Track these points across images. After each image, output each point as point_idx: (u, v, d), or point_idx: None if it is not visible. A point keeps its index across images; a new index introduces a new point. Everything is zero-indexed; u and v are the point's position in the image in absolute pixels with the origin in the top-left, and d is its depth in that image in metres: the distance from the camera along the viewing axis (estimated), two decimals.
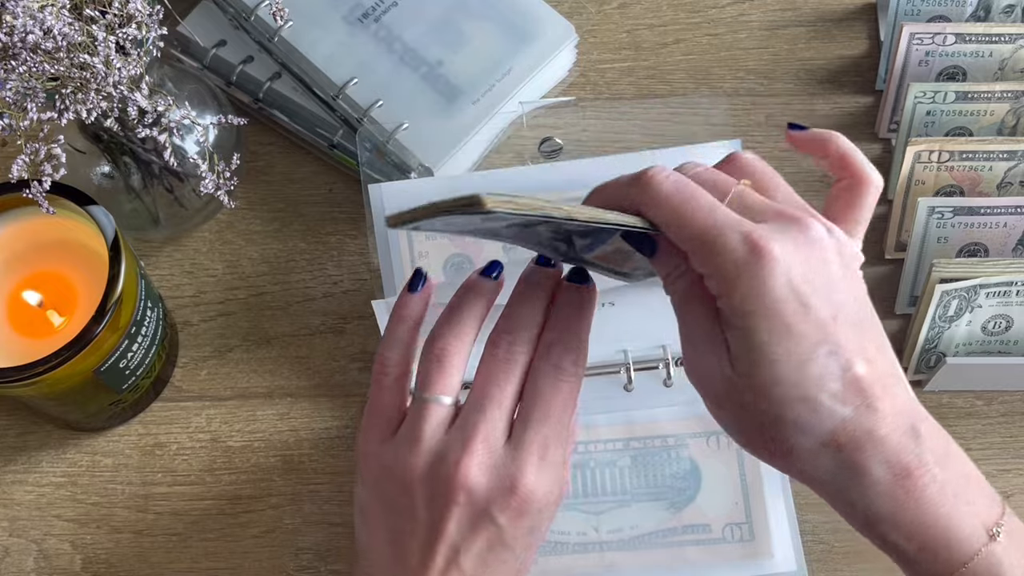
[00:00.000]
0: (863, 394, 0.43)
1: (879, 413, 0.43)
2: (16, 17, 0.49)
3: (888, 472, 0.43)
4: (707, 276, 0.44)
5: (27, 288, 0.59)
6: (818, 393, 0.43)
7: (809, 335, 0.43)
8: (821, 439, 0.43)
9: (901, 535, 0.44)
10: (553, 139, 0.67)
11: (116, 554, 0.63)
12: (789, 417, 0.43)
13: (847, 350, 0.43)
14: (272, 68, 0.70)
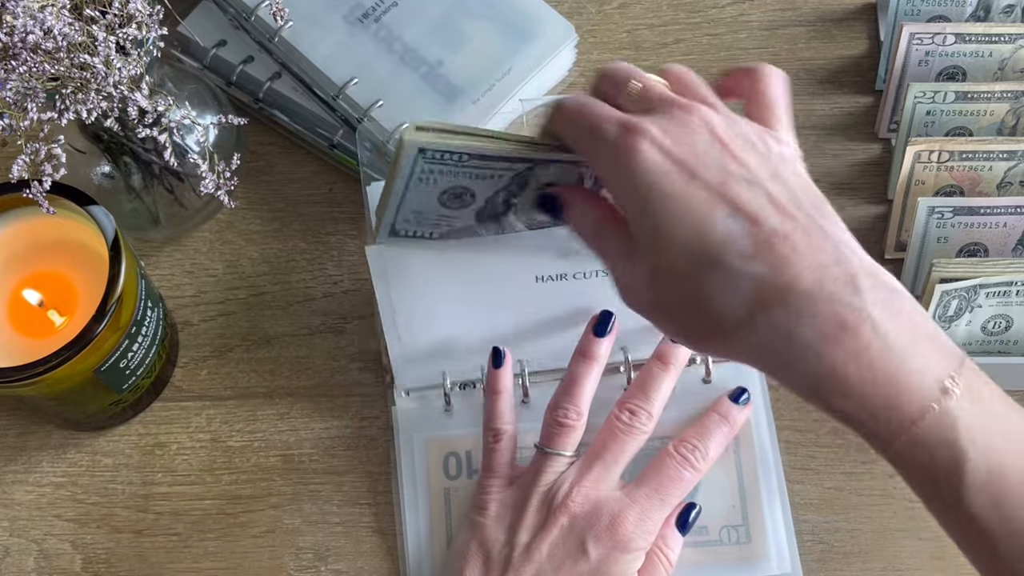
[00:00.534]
0: (776, 249, 0.41)
1: (799, 266, 0.41)
2: (16, 17, 0.49)
3: (819, 329, 0.41)
4: (599, 176, 0.46)
5: (27, 288, 0.59)
6: (725, 256, 0.41)
7: (699, 200, 0.42)
8: (743, 306, 0.41)
9: (845, 398, 0.41)
10: None
11: (116, 554, 0.63)
12: (707, 290, 0.42)
13: (749, 209, 0.42)
14: (272, 68, 0.70)
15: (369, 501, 0.64)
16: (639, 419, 0.58)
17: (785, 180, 0.44)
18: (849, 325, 0.40)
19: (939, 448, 0.41)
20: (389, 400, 0.65)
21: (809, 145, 0.72)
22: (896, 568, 0.62)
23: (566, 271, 0.61)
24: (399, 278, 0.61)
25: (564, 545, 0.55)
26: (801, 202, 0.43)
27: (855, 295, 0.41)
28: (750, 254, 0.41)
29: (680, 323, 0.45)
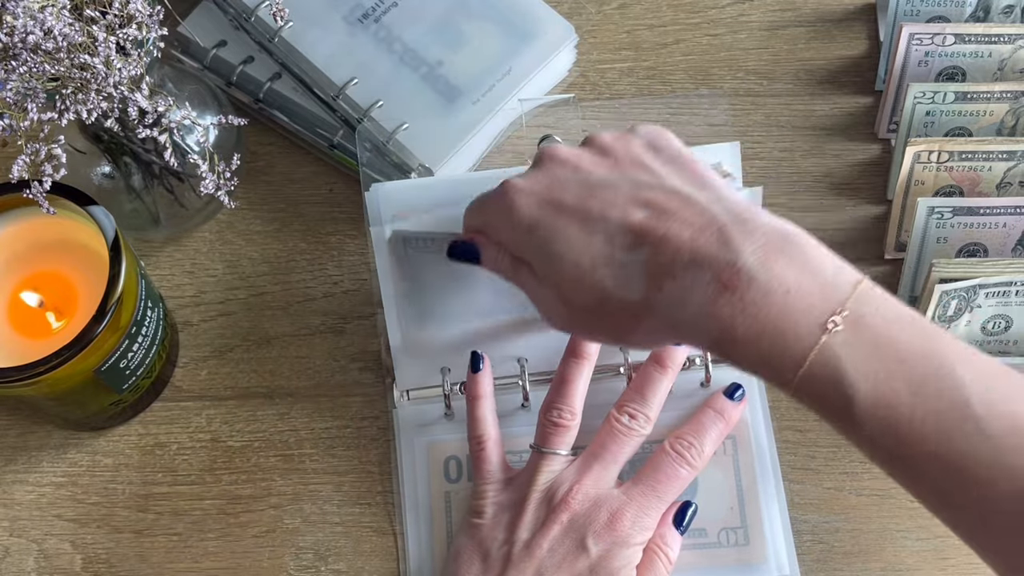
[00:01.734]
0: (648, 233, 0.45)
1: (674, 238, 0.45)
2: (16, 18, 0.49)
3: (703, 291, 0.44)
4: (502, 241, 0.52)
5: (27, 288, 0.59)
6: (612, 251, 0.46)
7: (573, 222, 0.48)
8: (640, 290, 0.46)
9: (739, 349, 0.44)
10: (553, 137, 0.67)
11: (116, 554, 0.63)
12: (606, 289, 0.47)
13: (616, 211, 0.47)
14: (272, 68, 0.70)
15: (369, 501, 0.64)
16: (637, 421, 0.59)
17: (648, 167, 0.49)
18: (726, 281, 0.43)
19: (827, 386, 0.43)
20: (389, 403, 0.65)
21: (809, 145, 0.72)
22: (896, 568, 0.62)
23: None
24: (403, 268, 0.61)
25: (564, 542, 0.55)
26: (664, 182, 0.48)
27: (727, 250, 0.44)
28: (631, 244, 0.46)
29: (598, 326, 0.49)
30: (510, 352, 0.63)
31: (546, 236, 0.48)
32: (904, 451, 0.43)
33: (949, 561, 0.63)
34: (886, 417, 0.43)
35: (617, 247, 0.46)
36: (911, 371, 0.43)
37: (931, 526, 0.63)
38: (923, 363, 0.43)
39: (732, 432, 0.62)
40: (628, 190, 0.47)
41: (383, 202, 0.61)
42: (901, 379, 0.43)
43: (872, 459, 0.45)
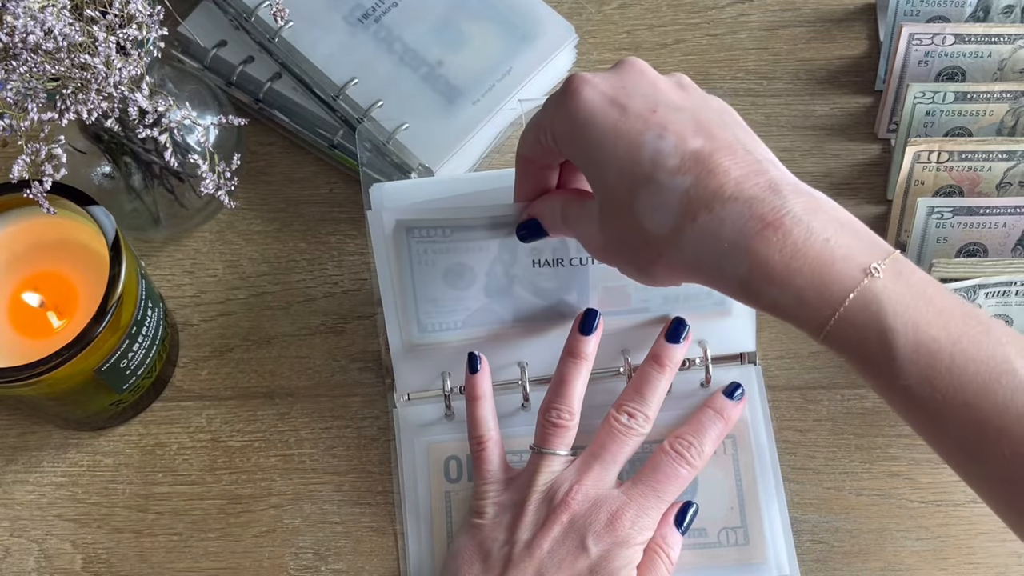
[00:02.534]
0: (703, 162, 0.45)
1: (722, 174, 0.44)
2: (17, 18, 0.49)
3: (743, 227, 0.44)
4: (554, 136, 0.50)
5: (28, 288, 0.59)
6: (655, 172, 0.45)
7: (632, 128, 0.46)
8: (674, 217, 0.45)
9: (774, 286, 0.44)
10: None
11: (117, 554, 0.63)
12: (640, 210, 0.46)
13: (676, 129, 0.46)
14: (272, 68, 0.70)
15: (369, 501, 0.64)
16: (636, 421, 0.58)
17: (712, 108, 0.48)
18: (771, 220, 0.43)
19: (867, 328, 0.43)
20: (390, 403, 0.65)
21: (809, 145, 0.72)
22: (896, 568, 0.62)
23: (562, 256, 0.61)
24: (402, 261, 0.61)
25: (565, 542, 0.55)
26: (727, 125, 0.47)
27: (775, 196, 0.44)
28: (677, 168, 0.45)
29: (625, 253, 0.49)
30: (511, 357, 0.63)
31: (599, 137, 0.47)
32: (937, 400, 0.43)
33: (949, 561, 0.63)
34: (925, 364, 0.43)
35: (661, 168, 0.45)
36: (950, 321, 0.43)
37: (931, 526, 0.63)
38: (962, 317, 0.43)
39: (732, 432, 0.62)
40: (693, 119, 0.46)
41: (384, 202, 0.61)
42: (941, 327, 0.43)
43: (899, 407, 0.45)
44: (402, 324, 0.62)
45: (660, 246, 0.46)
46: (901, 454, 0.65)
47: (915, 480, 0.64)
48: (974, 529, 0.63)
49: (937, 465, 0.65)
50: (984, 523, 0.63)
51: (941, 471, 0.64)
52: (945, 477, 0.64)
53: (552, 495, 0.56)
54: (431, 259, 0.61)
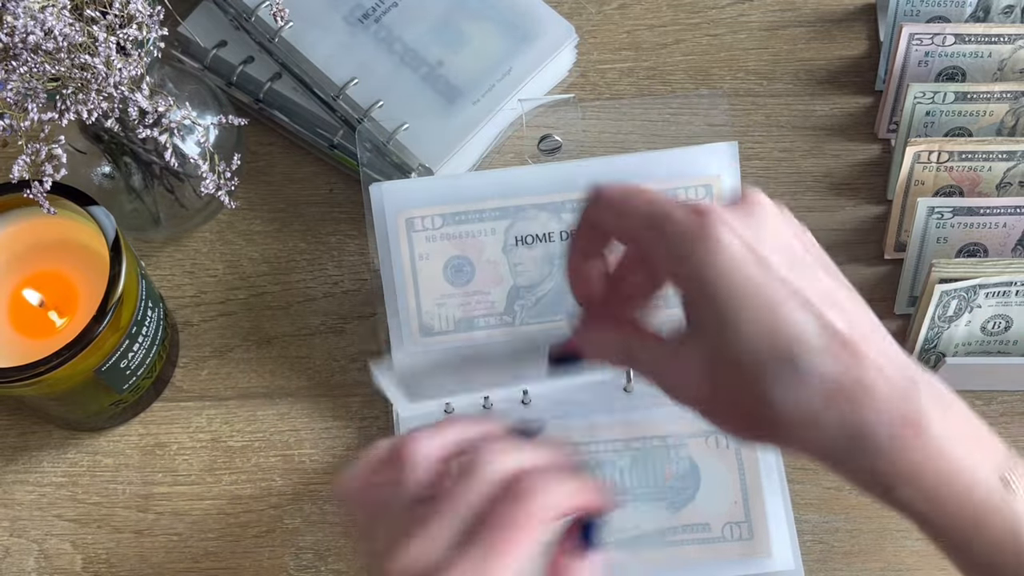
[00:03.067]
0: (847, 345, 0.41)
1: (867, 363, 0.41)
2: (17, 18, 0.49)
3: (887, 424, 0.40)
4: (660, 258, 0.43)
5: (28, 288, 0.59)
6: (798, 351, 0.41)
7: (773, 291, 0.41)
8: (810, 402, 0.41)
9: (912, 490, 0.41)
10: (552, 136, 0.67)
11: (117, 554, 0.63)
12: (771, 384, 0.41)
13: (818, 302, 0.41)
14: (272, 69, 0.70)
15: None
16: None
17: (837, 276, 0.44)
18: (911, 420, 0.41)
19: (1004, 539, 0.42)
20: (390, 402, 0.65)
21: (809, 145, 0.72)
22: (896, 568, 0.62)
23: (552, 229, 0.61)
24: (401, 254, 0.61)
25: None
26: (856, 300, 0.43)
27: (914, 392, 0.41)
28: (821, 350, 0.41)
29: (738, 418, 0.43)
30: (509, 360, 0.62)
31: (737, 294, 0.41)
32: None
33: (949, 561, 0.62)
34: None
35: (805, 346, 0.41)
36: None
37: None
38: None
39: None
40: (823, 288, 0.42)
41: (386, 201, 0.61)
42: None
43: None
44: (404, 322, 0.62)
45: (790, 427, 0.41)
46: None
47: None
48: None
49: None
50: None
51: None
52: None
53: None
54: (432, 252, 0.61)
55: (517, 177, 0.62)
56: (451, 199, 0.60)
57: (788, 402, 0.41)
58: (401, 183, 0.63)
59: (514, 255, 0.62)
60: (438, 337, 0.62)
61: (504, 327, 0.62)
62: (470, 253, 0.61)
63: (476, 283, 0.62)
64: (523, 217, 0.61)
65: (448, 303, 0.62)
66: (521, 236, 0.61)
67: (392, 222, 0.60)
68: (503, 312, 0.62)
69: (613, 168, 0.62)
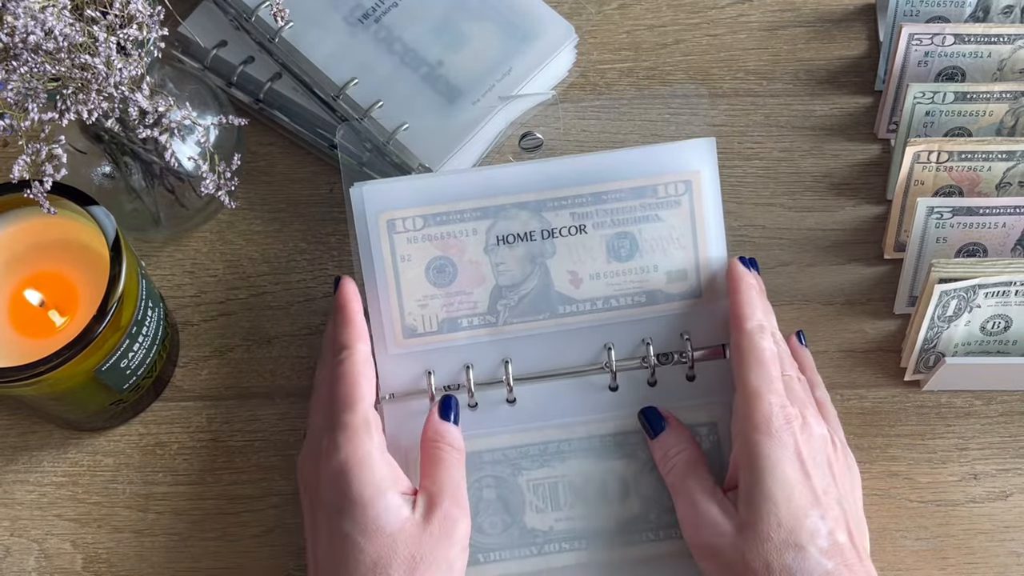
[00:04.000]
0: (843, 556, 0.53)
1: (855, 569, 0.53)
2: (17, 18, 0.49)
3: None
4: (740, 418, 0.56)
5: (28, 288, 0.59)
6: (809, 545, 0.53)
7: (806, 497, 0.54)
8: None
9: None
10: (534, 134, 0.67)
11: (117, 554, 0.63)
12: (783, 562, 0.53)
13: (832, 519, 0.54)
14: (273, 69, 0.70)
15: None
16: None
17: (852, 504, 0.57)
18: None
19: None
20: None
21: (809, 145, 0.72)
22: (896, 568, 0.63)
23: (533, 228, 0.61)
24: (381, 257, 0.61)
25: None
26: (862, 531, 0.57)
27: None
28: (826, 550, 0.53)
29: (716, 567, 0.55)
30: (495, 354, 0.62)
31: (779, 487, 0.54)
32: None
33: (949, 561, 0.63)
34: None
35: (814, 544, 0.53)
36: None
37: (931, 526, 0.63)
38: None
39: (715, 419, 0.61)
40: (843, 511, 0.55)
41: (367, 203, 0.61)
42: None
43: None
44: (386, 323, 0.62)
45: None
46: (901, 454, 0.65)
47: (915, 480, 0.64)
48: (974, 529, 0.63)
49: (936, 465, 0.65)
50: (984, 523, 0.63)
51: (940, 471, 0.64)
52: (945, 477, 0.64)
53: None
54: (414, 254, 0.61)
55: (498, 175, 0.62)
56: (432, 199, 0.60)
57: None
58: (382, 183, 0.62)
59: (496, 255, 0.62)
60: (421, 338, 0.62)
61: (487, 327, 0.62)
62: (452, 253, 0.61)
63: (459, 283, 0.61)
64: (504, 216, 0.61)
65: (431, 304, 0.62)
66: (503, 236, 0.61)
67: (373, 223, 0.60)
68: (486, 312, 0.62)
69: (592, 165, 0.62)
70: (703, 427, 0.61)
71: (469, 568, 0.57)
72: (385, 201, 0.61)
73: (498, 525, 0.61)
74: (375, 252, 0.61)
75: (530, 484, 0.61)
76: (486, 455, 0.61)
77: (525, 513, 0.60)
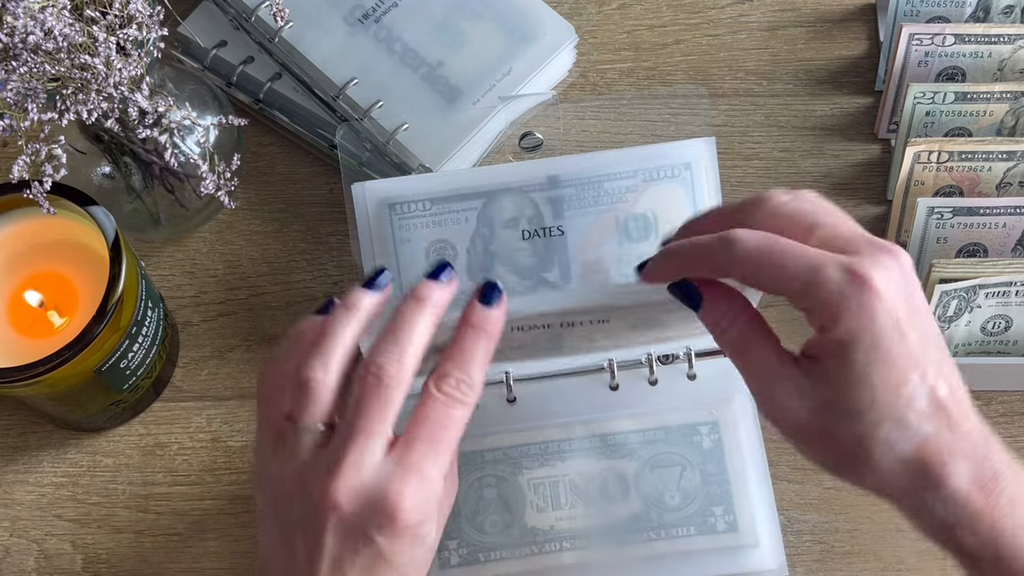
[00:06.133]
0: (945, 413, 0.46)
1: (959, 429, 0.46)
2: (17, 18, 0.49)
3: (967, 483, 0.46)
4: (809, 311, 0.47)
5: (28, 288, 0.59)
6: (907, 412, 0.46)
7: (905, 360, 0.46)
8: (905, 454, 0.46)
9: (978, 542, 0.46)
10: (533, 134, 0.67)
11: (117, 554, 0.63)
12: (878, 436, 0.46)
13: (933, 373, 0.46)
14: (272, 69, 0.70)
15: None
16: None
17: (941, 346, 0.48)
18: (987, 482, 0.46)
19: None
20: None
21: (809, 145, 0.72)
22: (896, 568, 0.63)
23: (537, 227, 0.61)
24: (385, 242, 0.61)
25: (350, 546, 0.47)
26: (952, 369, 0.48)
27: (991, 456, 0.47)
28: (926, 414, 0.46)
29: (830, 454, 0.48)
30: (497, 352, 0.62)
31: (876, 356, 0.46)
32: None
33: (949, 561, 0.62)
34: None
35: (913, 409, 0.46)
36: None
37: None
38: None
39: (717, 418, 0.61)
40: (938, 359, 0.47)
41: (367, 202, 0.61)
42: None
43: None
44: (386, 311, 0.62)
45: (881, 469, 0.46)
46: None
47: None
48: None
49: None
50: None
51: None
52: None
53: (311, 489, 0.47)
54: (413, 236, 0.61)
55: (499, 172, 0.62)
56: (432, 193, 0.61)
57: (888, 454, 0.46)
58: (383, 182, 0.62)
59: None
60: None
61: None
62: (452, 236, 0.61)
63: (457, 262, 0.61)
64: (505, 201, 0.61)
65: None
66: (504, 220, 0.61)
67: (373, 206, 0.60)
68: None
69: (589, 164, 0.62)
70: (704, 426, 0.61)
71: (470, 567, 0.57)
72: (386, 190, 0.61)
73: (499, 524, 0.61)
74: (375, 234, 0.61)
75: (531, 483, 0.61)
76: (487, 454, 0.61)
77: (526, 512, 0.60)
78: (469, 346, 0.51)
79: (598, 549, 0.60)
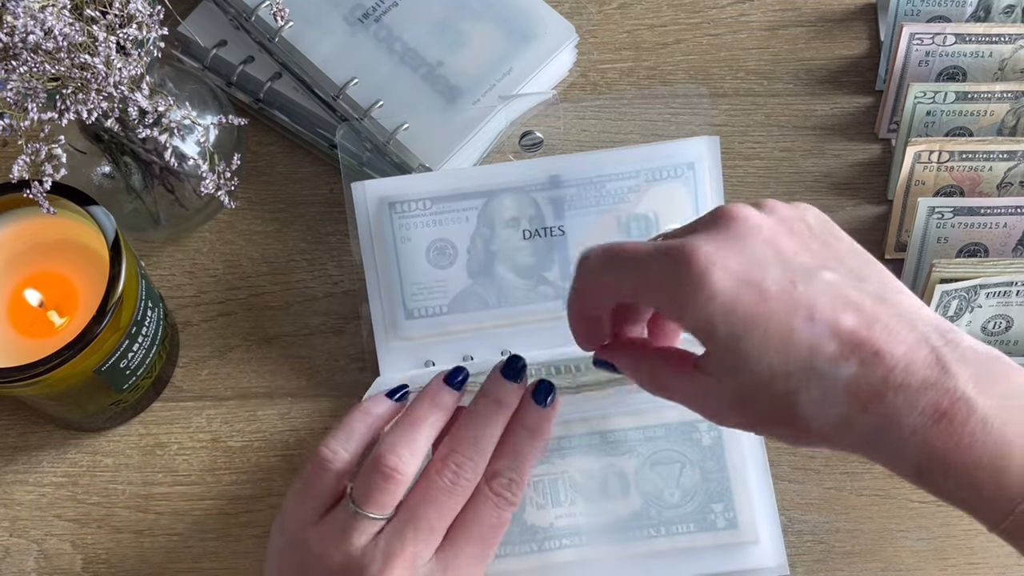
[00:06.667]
0: (862, 344, 0.40)
1: (888, 358, 0.40)
2: (17, 17, 0.49)
3: (919, 417, 0.40)
4: (660, 308, 0.44)
5: (28, 288, 0.59)
6: (813, 361, 0.41)
7: (777, 314, 0.41)
8: (839, 407, 0.41)
9: (952, 481, 0.40)
10: (534, 133, 0.67)
11: (117, 554, 0.63)
12: (800, 401, 0.41)
13: (824, 308, 0.41)
14: (272, 68, 0.70)
15: None
16: (465, 473, 0.50)
17: (841, 258, 0.43)
18: (945, 409, 0.40)
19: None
20: None
21: (809, 145, 0.72)
22: (896, 568, 0.62)
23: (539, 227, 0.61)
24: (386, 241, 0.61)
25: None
26: (866, 282, 0.42)
27: (946, 376, 0.40)
28: (837, 354, 0.41)
29: (777, 428, 0.44)
30: (494, 345, 0.62)
31: (741, 329, 0.41)
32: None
33: (949, 561, 0.63)
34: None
35: (820, 356, 0.41)
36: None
37: (931, 526, 0.63)
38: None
39: None
40: (833, 286, 0.41)
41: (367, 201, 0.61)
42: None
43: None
44: (386, 309, 0.62)
45: (826, 434, 0.42)
46: None
47: None
48: (974, 529, 0.63)
49: None
50: None
51: None
52: None
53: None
54: (413, 235, 0.61)
55: (499, 170, 0.62)
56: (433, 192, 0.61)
57: (817, 410, 0.41)
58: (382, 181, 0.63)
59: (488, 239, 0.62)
60: (422, 320, 0.62)
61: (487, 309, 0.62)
62: (453, 235, 0.61)
63: (459, 266, 0.62)
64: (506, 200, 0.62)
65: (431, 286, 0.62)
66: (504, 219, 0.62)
67: (374, 205, 0.61)
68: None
69: (591, 163, 0.62)
70: (703, 423, 0.61)
71: None
72: (386, 189, 0.61)
73: None
74: (375, 233, 0.61)
75: (531, 481, 0.61)
76: None
77: (525, 510, 0.60)
78: (524, 448, 0.51)
79: (598, 546, 0.60)
